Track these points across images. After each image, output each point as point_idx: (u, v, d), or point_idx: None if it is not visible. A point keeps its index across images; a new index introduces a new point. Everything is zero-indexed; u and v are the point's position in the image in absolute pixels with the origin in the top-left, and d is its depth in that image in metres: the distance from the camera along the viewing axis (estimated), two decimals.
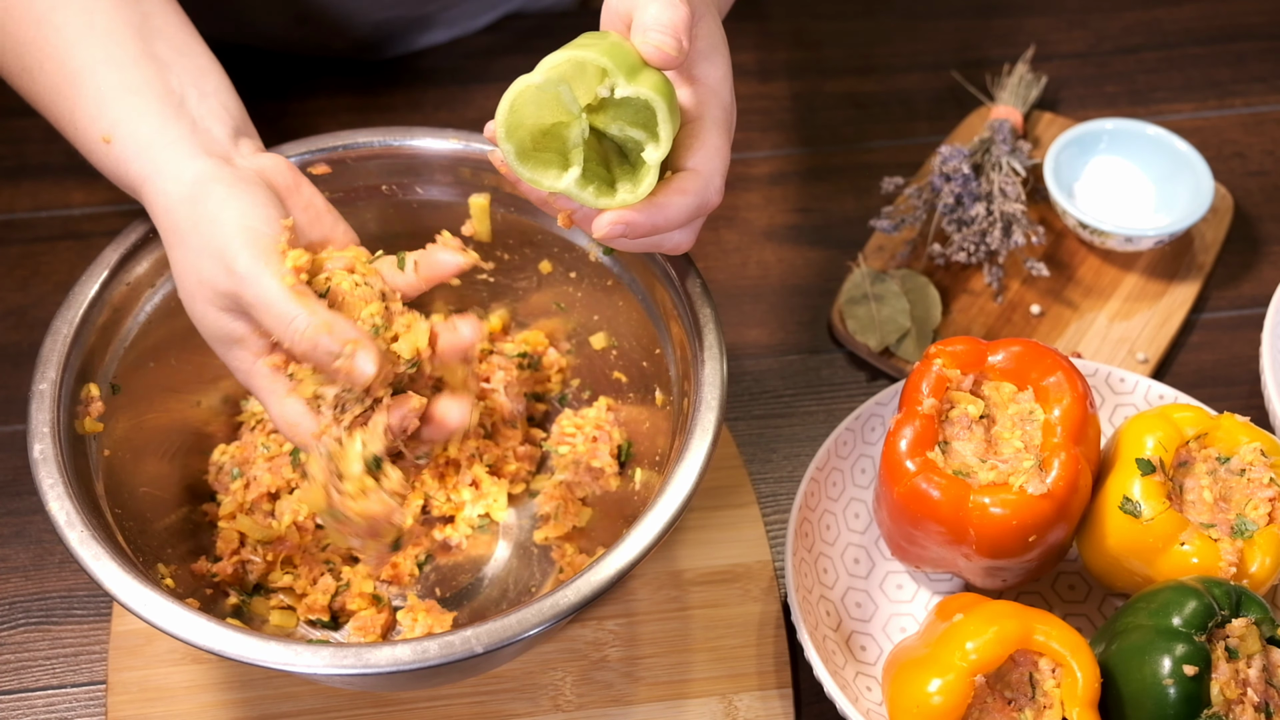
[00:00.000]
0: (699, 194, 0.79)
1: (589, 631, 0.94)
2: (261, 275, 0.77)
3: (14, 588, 0.97)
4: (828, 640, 0.91)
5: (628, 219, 0.78)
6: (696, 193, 0.79)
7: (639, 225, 0.78)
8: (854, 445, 0.97)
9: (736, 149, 1.22)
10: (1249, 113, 1.26)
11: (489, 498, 0.96)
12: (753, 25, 1.30)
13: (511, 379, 0.98)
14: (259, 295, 0.77)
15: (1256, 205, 1.19)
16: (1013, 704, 0.82)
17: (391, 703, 0.91)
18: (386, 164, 0.94)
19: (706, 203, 0.80)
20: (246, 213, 0.79)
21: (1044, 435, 0.87)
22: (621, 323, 0.96)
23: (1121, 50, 1.30)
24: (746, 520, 0.99)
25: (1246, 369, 1.09)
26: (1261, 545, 0.85)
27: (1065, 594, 0.96)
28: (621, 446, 0.96)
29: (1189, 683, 0.78)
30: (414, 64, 1.25)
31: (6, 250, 1.14)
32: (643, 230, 0.78)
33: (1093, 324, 1.10)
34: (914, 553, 0.91)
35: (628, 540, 0.78)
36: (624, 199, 0.77)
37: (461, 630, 0.75)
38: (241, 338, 0.80)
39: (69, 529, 0.78)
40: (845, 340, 1.10)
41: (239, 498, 0.93)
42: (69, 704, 0.93)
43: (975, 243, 1.11)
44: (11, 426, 1.04)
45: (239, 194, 0.80)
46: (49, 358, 0.84)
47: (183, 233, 0.80)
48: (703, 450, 0.82)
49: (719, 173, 0.80)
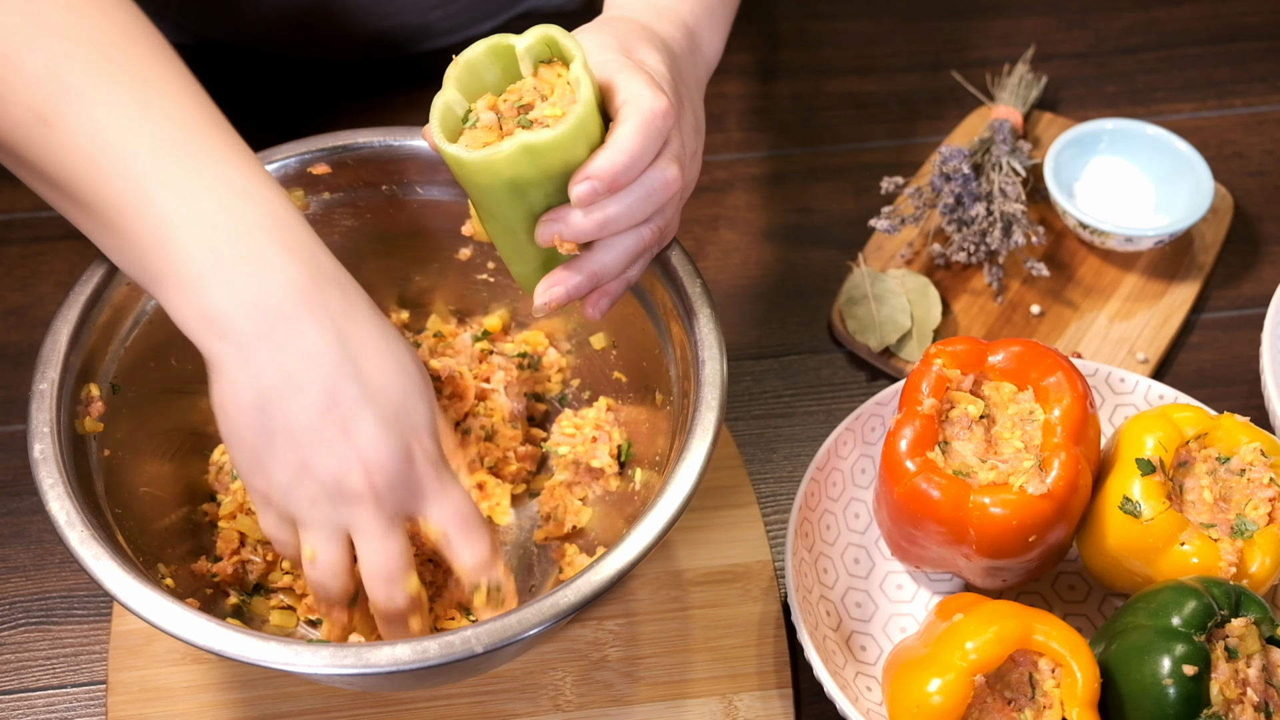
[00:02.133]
0: (638, 113, 0.75)
1: (589, 631, 0.94)
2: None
3: (14, 588, 0.97)
4: (828, 640, 0.91)
5: (589, 172, 0.75)
6: (637, 113, 0.75)
7: (605, 169, 0.75)
8: (854, 445, 0.97)
9: (737, 149, 1.23)
10: (1249, 113, 1.26)
11: (492, 499, 0.96)
12: (753, 25, 1.30)
13: (511, 379, 0.98)
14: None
15: (1256, 205, 1.19)
16: (1012, 704, 0.82)
17: (391, 703, 0.91)
18: (386, 164, 0.94)
19: (651, 111, 0.75)
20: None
21: (1044, 435, 0.87)
22: (621, 323, 0.96)
23: (1121, 50, 1.30)
24: (746, 520, 0.99)
25: (1246, 369, 1.09)
26: (1261, 545, 0.85)
27: (1065, 594, 0.96)
28: (621, 446, 0.96)
29: (1188, 682, 0.78)
30: (416, 64, 1.25)
31: (6, 250, 1.14)
32: (612, 173, 0.75)
33: (1093, 324, 1.10)
34: (914, 553, 0.91)
35: (628, 540, 0.78)
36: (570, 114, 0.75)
37: (461, 630, 0.75)
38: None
39: (69, 529, 0.78)
40: (845, 340, 1.10)
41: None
42: (69, 704, 0.93)
43: (975, 243, 1.11)
44: (11, 426, 1.04)
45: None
46: (49, 358, 0.84)
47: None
48: (703, 450, 0.82)
49: (642, 85, 0.76)
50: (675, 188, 0.78)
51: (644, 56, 0.81)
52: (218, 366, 0.73)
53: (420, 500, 0.76)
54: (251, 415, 0.73)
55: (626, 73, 0.77)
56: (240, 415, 0.73)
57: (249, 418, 0.73)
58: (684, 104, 0.82)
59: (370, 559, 0.75)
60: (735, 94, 1.26)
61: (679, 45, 0.86)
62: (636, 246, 0.80)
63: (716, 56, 0.93)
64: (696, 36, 0.89)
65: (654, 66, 0.80)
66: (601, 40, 0.80)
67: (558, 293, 0.79)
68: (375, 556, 0.75)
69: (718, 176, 1.20)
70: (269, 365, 0.72)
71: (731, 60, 1.29)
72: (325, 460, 0.73)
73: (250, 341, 0.72)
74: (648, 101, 0.76)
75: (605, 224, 0.78)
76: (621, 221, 0.78)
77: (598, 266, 0.78)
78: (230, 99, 1.21)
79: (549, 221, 0.78)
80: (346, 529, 0.75)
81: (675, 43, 0.86)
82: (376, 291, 1.00)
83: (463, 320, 1.02)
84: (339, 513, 0.74)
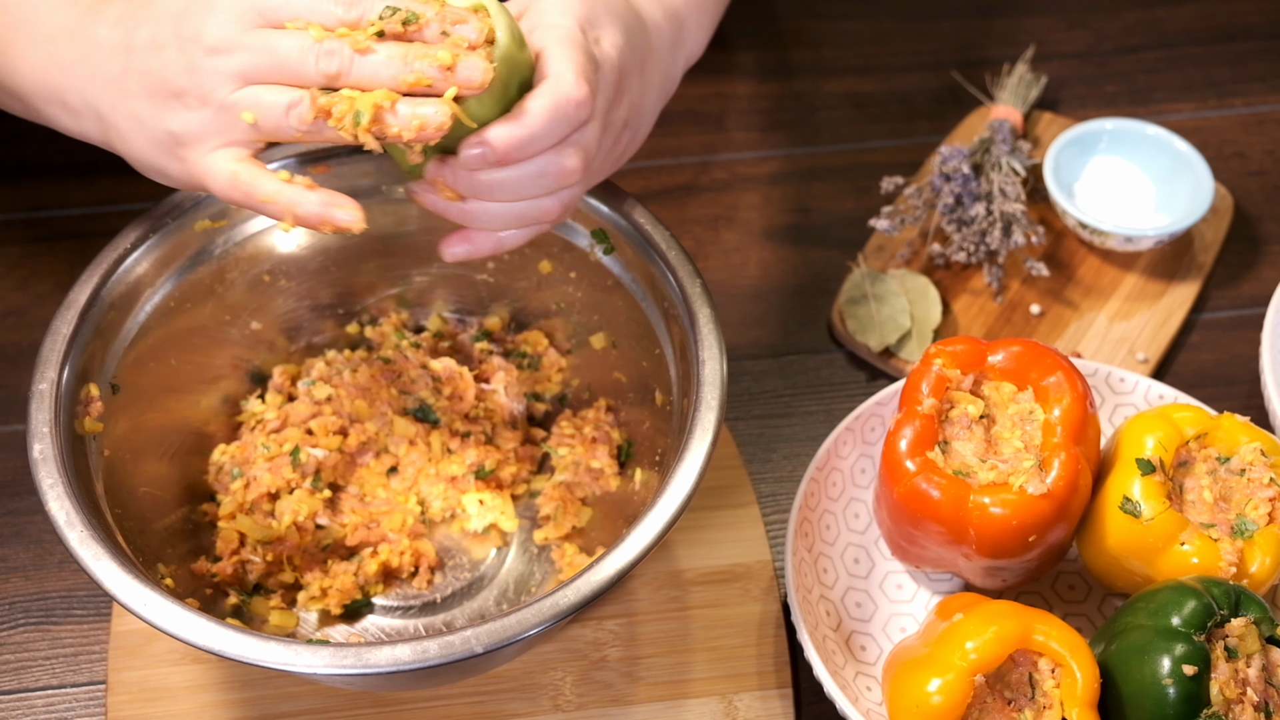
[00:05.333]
0: (553, 95, 0.75)
1: (589, 631, 0.94)
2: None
3: (14, 588, 0.97)
4: (828, 640, 0.91)
5: (485, 137, 0.74)
6: (551, 94, 0.75)
7: (502, 140, 0.74)
8: (854, 445, 0.97)
9: (737, 149, 1.23)
10: (1249, 113, 1.26)
11: (496, 509, 0.96)
12: (753, 25, 1.30)
13: (511, 379, 0.98)
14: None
15: (1256, 205, 1.19)
16: (1012, 704, 0.82)
17: (391, 703, 0.91)
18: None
19: (565, 98, 0.75)
20: None
21: (1044, 435, 0.87)
22: (621, 323, 0.96)
23: (1121, 50, 1.30)
24: (746, 520, 0.99)
25: (1246, 369, 1.09)
26: (1261, 545, 0.85)
27: (1065, 594, 0.96)
28: (621, 446, 0.96)
29: (1188, 682, 0.78)
30: None
31: (6, 250, 1.14)
32: (505, 147, 0.75)
33: (1093, 324, 1.10)
34: (914, 553, 0.91)
35: (628, 540, 0.78)
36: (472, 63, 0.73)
37: (461, 630, 0.75)
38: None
39: (69, 529, 0.78)
40: (845, 340, 1.10)
41: (239, 498, 0.93)
42: (69, 704, 0.93)
43: (975, 243, 1.11)
44: (11, 426, 1.04)
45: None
46: (49, 358, 0.84)
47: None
48: (703, 450, 0.82)
49: (570, 68, 0.76)
50: (572, 179, 0.78)
51: (601, 34, 0.80)
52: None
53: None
54: (146, 100, 0.76)
55: (561, 48, 0.77)
56: (142, 106, 0.77)
57: (145, 101, 0.77)
58: (621, 96, 0.82)
59: (294, 60, 0.75)
60: (735, 94, 1.26)
61: (660, 33, 0.86)
62: (515, 217, 0.80)
63: (699, 50, 0.93)
64: (684, 27, 0.89)
65: (605, 50, 0.80)
66: (565, 5, 0.79)
67: (476, 152, 0.76)
68: (296, 57, 0.75)
69: (718, 176, 1.20)
70: (110, 41, 0.77)
71: (732, 60, 1.29)
72: (204, 39, 0.75)
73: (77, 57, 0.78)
74: (566, 87, 0.75)
75: (489, 189, 0.78)
76: (504, 192, 0.78)
77: (524, 131, 0.76)
78: None
79: (439, 164, 0.78)
80: (241, 73, 0.75)
81: (656, 29, 0.85)
82: (376, 291, 1.01)
83: (463, 320, 1.02)
84: (224, 64, 0.75)
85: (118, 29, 0.78)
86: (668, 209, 1.17)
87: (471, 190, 0.78)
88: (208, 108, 0.75)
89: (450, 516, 0.96)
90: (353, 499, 0.95)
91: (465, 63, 0.73)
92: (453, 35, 0.74)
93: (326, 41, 0.73)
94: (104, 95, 0.78)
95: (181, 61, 0.75)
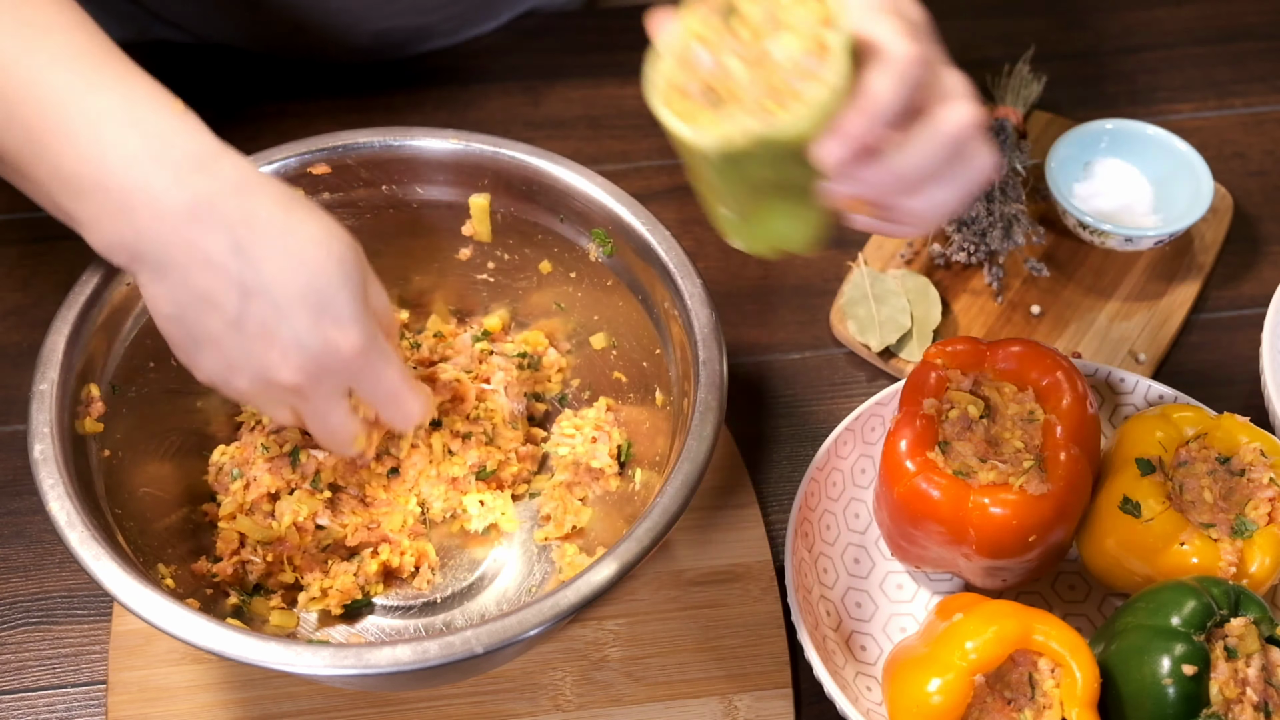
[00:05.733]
0: (890, 58, 0.69)
1: (589, 631, 0.94)
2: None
3: (14, 588, 0.97)
4: (828, 640, 0.91)
5: (837, 128, 0.68)
6: (888, 59, 0.69)
7: (852, 123, 0.68)
8: (854, 445, 0.97)
9: None
10: (1249, 113, 1.26)
11: (496, 510, 0.96)
12: None
13: (511, 379, 0.98)
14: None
15: (1256, 205, 1.19)
16: (1012, 704, 0.82)
17: (391, 703, 0.91)
18: (386, 164, 0.94)
19: (905, 57, 0.69)
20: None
21: (1044, 435, 0.87)
22: (621, 323, 0.96)
23: (1121, 50, 1.30)
24: (746, 520, 0.99)
25: (1246, 369, 1.09)
26: (1261, 545, 0.85)
27: (1065, 594, 0.96)
28: (621, 446, 0.96)
29: (1188, 682, 0.78)
30: (415, 64, 1.25)
31: (6, 250, 1.14)
32: (860, 126, 0.68)
33: (1093, 324, 1.10)
34: (914, 553, 0.91)
35: (628, 540, 0.78)
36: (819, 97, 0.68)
37: (461, 630, 0.75)
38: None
39: (69, 529, 0.78)
40: (845, 340, 1.10)
41: (239, 498, 0.93)
42: (69, 704, 0.93)
43: (975, 243, 1.11)
44: (11, 426, 1.04)
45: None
46: (49, 358, 0.84)
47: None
48: (703, 450, 0.82)
49: (899, 36, 0.70)
50: (972, 127, 0.72)
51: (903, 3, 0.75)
52: (139, 283, 0.78)
53: (350, 382, 0.80)
54: (174, 326, 0.78)
55: (876, 17, 0.71)
56: (165, 324, 0.78)
57: (173, 327, 0.78)
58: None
59: (315, 429, 0.82)
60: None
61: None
62: (902, 66, 0.71)
63: None
64: None
65: (909, 10, 0.74)
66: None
67: (835, 145, 0.70)
68: (319, 429, 0.82)
69: None
70: (178, 285, 0.76)
71: None
72: (249, 363, 0.77)
73: (157, 266, 0.76)
74: (901, 48, 0.70)
75: (900, 179, 0.73)
76: (919, 173, 0.73)
77: (870, 106, 0.69)
78: (230, 99, 1.22)
79: (838, 183, 0.73)
80: (290, 405, 0.80)
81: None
82: None
83: (463, 320, 1.02)
84: (277, 397, 0.79)
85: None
86: (668, 209, 1.17)
87: (876, 189, 0.73)
88: (253, 387, 0.79)
89: (451, 517, 0.96)
90: (353, 500, 0.95)
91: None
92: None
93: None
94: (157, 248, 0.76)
95: (243, 349, 0.77)
